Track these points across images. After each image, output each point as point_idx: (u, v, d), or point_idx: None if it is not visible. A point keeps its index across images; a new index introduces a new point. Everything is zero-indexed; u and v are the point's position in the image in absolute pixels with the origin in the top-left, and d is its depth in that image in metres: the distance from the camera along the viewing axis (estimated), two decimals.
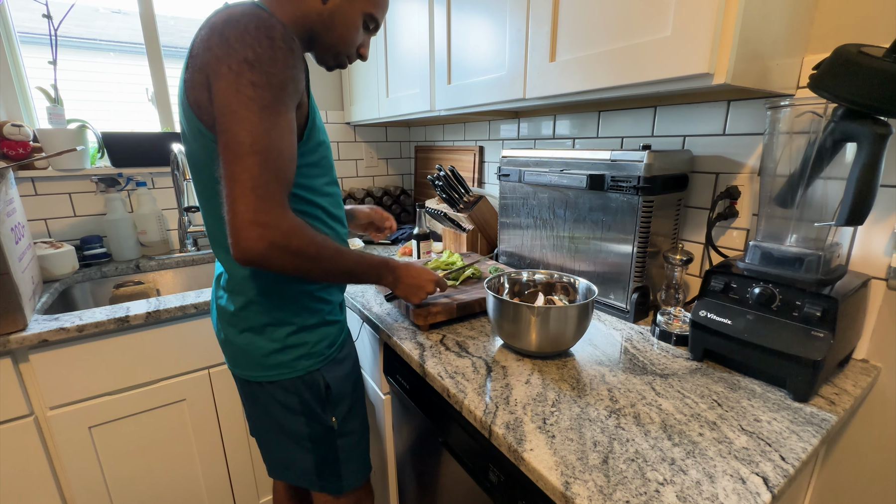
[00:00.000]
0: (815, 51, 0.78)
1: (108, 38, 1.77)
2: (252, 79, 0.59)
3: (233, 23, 0.60)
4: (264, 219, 0.59)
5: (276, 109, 0.61)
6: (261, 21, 0.60)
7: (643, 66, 0.72)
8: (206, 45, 0.61)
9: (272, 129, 0.60)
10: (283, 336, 0.78)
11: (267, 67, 0.59)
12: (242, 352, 0.80)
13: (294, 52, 0.63)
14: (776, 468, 0.53)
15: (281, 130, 0.62)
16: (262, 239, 0.59)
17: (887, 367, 0.76)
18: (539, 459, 0.55)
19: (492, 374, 0.76)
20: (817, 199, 0.71)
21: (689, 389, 0.70)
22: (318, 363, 0.82)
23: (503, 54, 1.01)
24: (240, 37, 0.59)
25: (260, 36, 0.59)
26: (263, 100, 0.59)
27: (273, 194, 0.60)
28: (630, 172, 0.88)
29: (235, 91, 0.59)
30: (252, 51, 0.59)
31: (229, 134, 0.59)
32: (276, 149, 0.61)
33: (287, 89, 0.62)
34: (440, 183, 1.31)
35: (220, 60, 0.59)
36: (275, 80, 0.60)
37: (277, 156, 0.61)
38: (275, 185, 0.61)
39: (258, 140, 0.59)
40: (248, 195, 0.59)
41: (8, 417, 0.99)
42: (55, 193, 1.45)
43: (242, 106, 0.59)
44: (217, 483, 1.30)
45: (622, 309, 0.97)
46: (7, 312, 0.95)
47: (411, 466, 1.04)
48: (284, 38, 0.61)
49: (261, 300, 0.77)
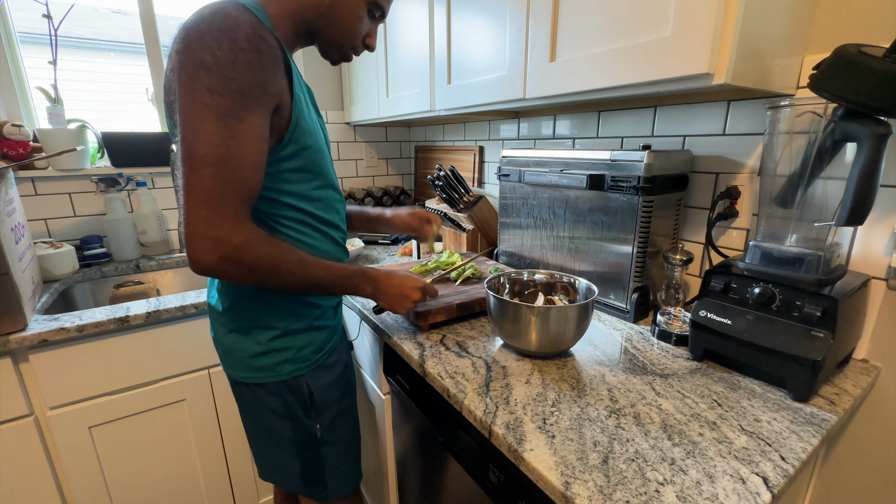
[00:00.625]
0: (815, 51, 0.78)
1: (108, 38, 1.77)
2: (208, 84, 0.57)
3: (198, 23, 0.58)
4: (214, 232, 0.59)
5: (238, 115, 0.58)
6: (225, 20, 0.57)
7: (643, 66, 0.72)
8: (174, 46, 0.59)
9: (230, 138, 0.58)
10: (267, 339, 0.77)
11: (225, 72, 0.57)
12: (229, 351, 0.79)
13: (262, 53, 0.60)
14: (776, 468, 0.53)
15: (242, 139, 0.59)
16: (212, 252, 0.59)
17: (887, 367, 0.76)
18: (539, 459, 0.55)
19: (492, 374, 0.76)
20: (817, 199, 0.71)
21: (689, 389, 0.70)
22: (302, 368, 0.80)
23: (503, 54, 1.01)
24: (200, 39, 0.57)
25: (220, 37, 0.57)
26: (220, 107, 0.57)
27: (226, 207, 0.59)
28: (630, 172, 0.88)
29: (191, 98, 0.57)
30: (210, 53, 0.56)
31: (185, 144, 0.58)
32: (233, 159, 0.59)
33: (251, 94, 0.59)
34: (440, 183, 1.31)
35: (182, 66, 0.57)
36: (234, 85, 0.58)
37: (236, 166, 0.59)
38: (229, 197, 0.59)
39: (212, 151, 0.57)
40: (200, 208, 0.58)
41: (8, 417, 0.99)
42: (55, 193, 1.46)
43: (197, 114, 0.57)
44: (217, 483, 1.30)
45: (622, 309, 0.97)
46: (7, 312, 0.95)
47: (411, 466, 1.04)
48: (250, 38, 0.58)
49: (246, 302, 0.76)
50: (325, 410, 0.85)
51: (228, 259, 0.61)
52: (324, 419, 0.85)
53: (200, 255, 0.59)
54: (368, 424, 1.22)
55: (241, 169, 0.60)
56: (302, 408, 0.82)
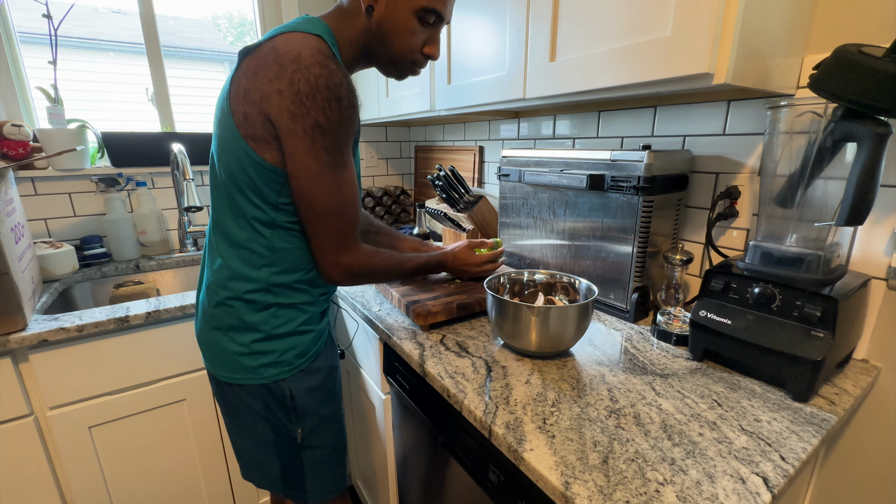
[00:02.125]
0: (815, 51, 0.78)
1: (108, 38, 1.77)
2: (325, 143, 0.66)
3: (303, 71, 0.62)
4: (345, 260, 0.76)
5: (344, 163, 0.69)
6: (331, 77, 0.63)
7: (643, 66, 0.72)
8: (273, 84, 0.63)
9: (344, 184, 0.70)
10: (250, 341, 0.77)
11: (336, 132, 0.66)
12: (212, 349, 0.80)
13: (355, 105, 0.68)
14: (776, 468, 0.53)
15: (349, 180, 0.71)
16: (346, 273, 0.77)
17: (887, 367, 0.76)
18: (539, 459, 0.55)
19: (492, 374, 0.75)
20: (817, 199, 0.71)
21: (689, 389, 0.70)
22: (284, 373, 0.79)
23: (503, 54, 1.01)
24: (311, 95, 0.62)
25: (330, 98, 0.63)
26: (335, 161, 0.68)
27: (348, 239, 0.75)
28: (630, 172, 0.88)
29: (312, 156, 0.66)
30: (323, 115, 0.64)
31: (312, 196, 0.69)
32: (349, 201, 0.72)
33: (350, 142, 0.70)
34: (440, 183, 1.31)
35: (292, 117, 0.63)
36: (342, 140, 0.67)
37: (351, 206, 0.72)
38: (350, 229, 0.74)
39: (335, 199, 0.70)
40: (332, 244, 0.73)
41: (8, 417, 0.99)
42: (55, 193, 1.45)
43: (319, 170, 0.67)
44: (217, 483, 1.30)
45: (622, 309, 0.97)
46: (7, 312, 0.95)
47: (411, 466, 1.04)
48: (349, 96, 0.66)
49: (231, 303, 0.76)
50: (307, 416, 0.84)
51: (355, 276, 0.78)
52: (305, 424, 0.84)
53: (338, 277, 0.77)
54: (368, 424, 1.22)
55: (353, 206, 0.73)
56: (283, 412, 0.81)
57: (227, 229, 0.75)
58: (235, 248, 0.75)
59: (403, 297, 1.00)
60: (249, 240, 0.74)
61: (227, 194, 0.73)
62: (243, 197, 0.71)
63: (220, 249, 0.77)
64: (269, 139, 0.66)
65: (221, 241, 0.77)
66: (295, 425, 0.83)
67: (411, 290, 1.04)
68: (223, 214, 0.75)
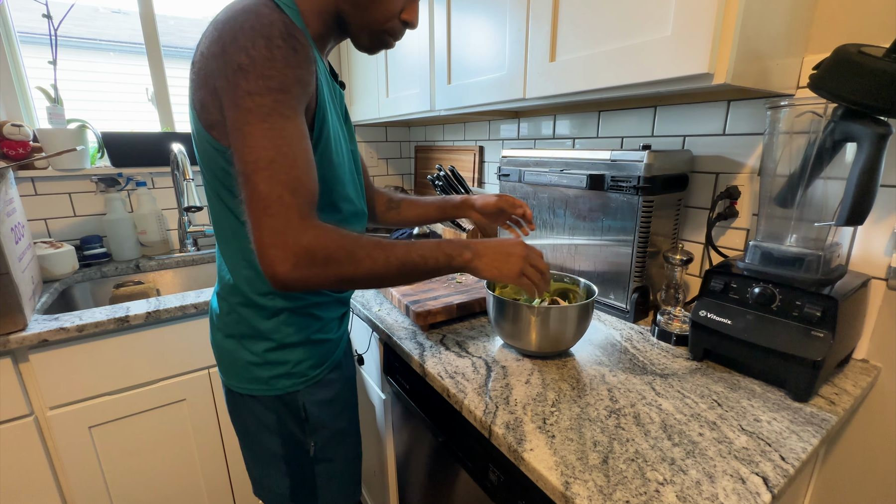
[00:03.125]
0: (815, 51, 0.78)
1: (108, 38, 1.77)
2: (248, 88, 0.54)
3: (230, 23, 0.55)
4: (280, 239, 0.54)
5: (282, 114, 0.55)
6: (258, 18, 0.54)
7: (643, 66, 0.72)
8: (209, 50, 0.57)
9: (278, 138, 0.55)
10: (262, 350, 0.72)
11: (262, 70, 0.54)
12: (224, 358, 0.76)
13: (297, 51, 0.56)
14: (776, 468, 0.53)
15: (289, 138, 0.56)
16: (284, 261, 0.54)
17: (887, 367, 0.76)
18: (539, 459, 0.55)
19: (492, 374, 0.75)
20: (817, 199, 0.71)
21: (688, 389, 0.70)
22: (298, 384, 0.74)
23: (503, 54, 1.01)
24: (233, 40, 0.54)
25: (255, 36, 0.54)
26: (262, 108, 0.54)
27: (286, 210, 0.54)
28: (630, 172, 0.88)
29: (235, 106, 0.54)
30: (245, 54, 0.53)
31: (237, 155, 0.55)
32: (284, 159, 0.55)
33: (292, 92, 0.56)
34: (440, 183, 1.31)
35: (220, 72, 0.55)
36: (273, 84, 0.54)
37: (289, 166, 0.55)
38: (289, 198, 0.55)
39: (261, 155, 0.54)
40: (262, 218, 0.54)
41: (8, 417, 0.99)
42: (55, 193, 1.45)
43: (242, 121, 0.54)
44: (217, 483, 1.30)
45: (622, 309, 0.97)
46: (7, 312, 0.95)
47: (411, 466, 1.04)
48: (284, 35, 0.55)
49: (242, 310, 0.72)
50: (321, 429, 0.79)
51: (302, 262, 0.55)
52: (319, 437, 0.79)
53: (276, 267, 0.54)
54: (368, 424, 1.22)
55: (295, 168, 0.56)
56: (296, 424, 0.76)
57: (223, 230, 0.71)
58: (235, 250, 0.71)
59: (404, 297, 1.00)
60: (245, 238, 0.66)
61: (215, 194, 0.67)
62: (228, 194, 0.65)
63: (222, 252, 0.73)
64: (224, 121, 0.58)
65: (222, 243, 0.73)
66: (308, 438, 0.78)
67: (412, 290, 1.04)
68: (217, 215, 0.70)
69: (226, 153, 0.61)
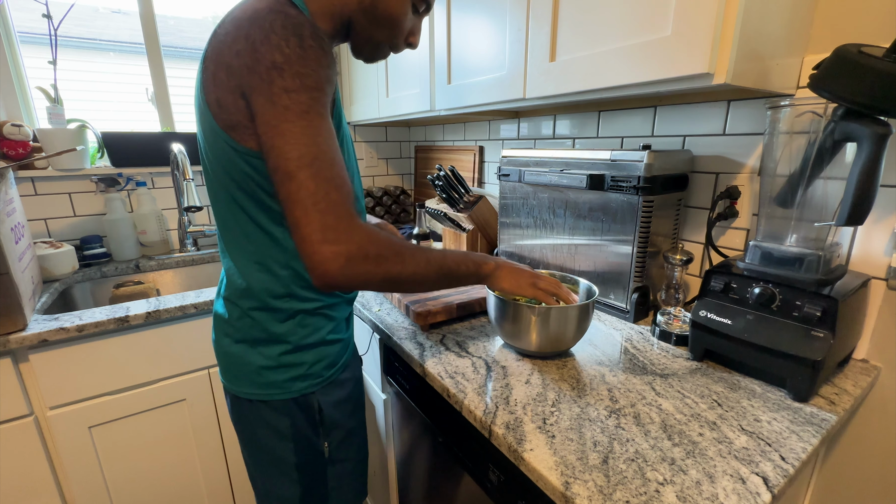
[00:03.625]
0: (815, 51, 0.78)
1: (108, 38, 1.77)
2: (284, 85, 0.53)
3: (258, 22, 0.55)
4: (333, 235, 0.53)
5: (319, 112, 0.55)
6: (287, 18, 0.55)
7: (643, 66, 0.72)
8: (232, 48, 0.56)
9: (317, 135, 0.55)
10: (277, 354, 0.71)
11: (298, 68, 0.54)
12: (233, 364, 0.74)
13: (326, 51, 0.57)
14: (776, 468, 0.53)
15: (327, 136, 0.56)
16: (338, 257, 0.53)
17: (887, 367, 0.76)
18: (539, 459, 0.55)
19: (492, 374, 0.76)
20: (817, 199, 0.71)
21: (689, 389, 0.70)
22: (314, 385, 0.74)
23: (503, 54, 1.01)
24: (265, 38, 0.54)
25: (287, 34, 0.54)
26: (300, 105, 0.54)
27: (336, 206, 0.54)
28: (630, 172, 0.88)
29: (271, 103, 0.54)
30: (280, 52, 0.53)
31: (275, 152, 0.54)
32: (325, 156, 0.55)
33: (325, 90, 0.56)
34: (440, 183, 1.31)
35: (251, 70, 0.54)
36: (309, 82, 0.55)
37: (330, 164, 0.55)
38: (335, 195, 0.54)
39: (304, 151, 0.53)
40: (310, 214, 0.53)
41: (8, 417, 0.99)
42: (55, 193, 1.45)
43: (280, 118, 0.54)
44: (217, 483, 1.30)
45: (622, 309, 0.97)
46: (7, 312, 0.95)
47: (412, 466, 1.04)
48: (314, 35, 0.56)
49: (255, 314, 0.71)
50: (335, 429, 0.79)
51: (354, 258, 0.55)
52: (333, 438, 0.79)
53: (328, 264, 0.53)
54: (369, 424, 1.22)
55: (335, 165, 0.56)
56: (310, 426, 0.76)
57: (234, 233, 0.69)
58: (248, 253, 0.69)
59: (404, 297, 1.00)
60: (260, 241, 0.67)
61: (227, 194, 0.66)
62: (244, 195, 0.64)
63: (231, 256, 0.71)
64: (247, 122, 0.58)
65: (232, 246, 0.71)
66: (322, 439, 0.78)
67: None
68: (227, 217, 0.69)
69: (248, 155, 0.60)
